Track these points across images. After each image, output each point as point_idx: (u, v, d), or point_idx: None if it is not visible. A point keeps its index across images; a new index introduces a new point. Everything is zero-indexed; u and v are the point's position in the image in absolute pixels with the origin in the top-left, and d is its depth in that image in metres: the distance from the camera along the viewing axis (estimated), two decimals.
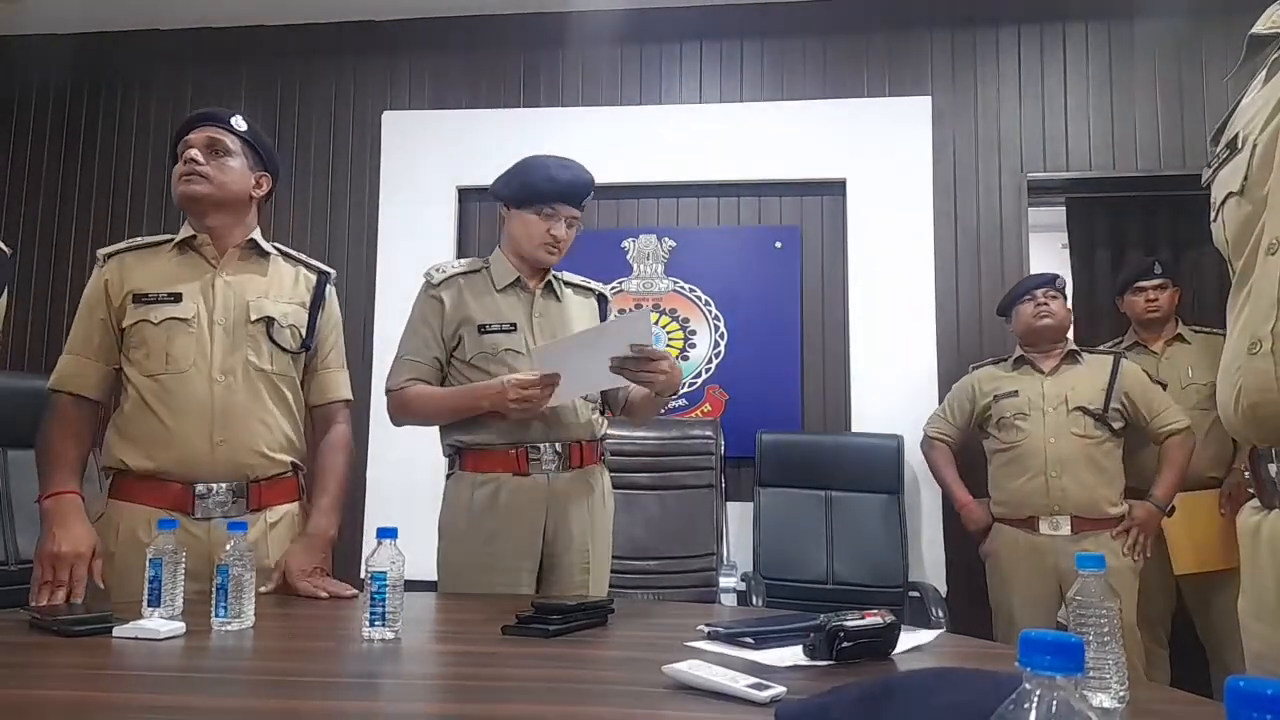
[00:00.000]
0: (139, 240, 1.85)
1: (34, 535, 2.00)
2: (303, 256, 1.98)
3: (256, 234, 1.88)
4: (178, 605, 1.43)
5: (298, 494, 1.87)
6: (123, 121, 3.98)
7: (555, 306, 2.07)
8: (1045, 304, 2.98)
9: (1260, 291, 1.06)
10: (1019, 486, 2.89)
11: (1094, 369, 2.96)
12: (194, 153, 1.80)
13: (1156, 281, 3.20)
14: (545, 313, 2.04)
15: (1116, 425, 2.88)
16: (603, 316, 2.16)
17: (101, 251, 1.83)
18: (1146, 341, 3.24)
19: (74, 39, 3.99)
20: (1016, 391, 2.97)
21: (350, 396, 1.99)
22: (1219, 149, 1.19)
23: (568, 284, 2.14)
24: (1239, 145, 1.13)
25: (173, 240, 1.83)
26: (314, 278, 1.96)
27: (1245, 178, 1.10)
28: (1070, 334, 3.10)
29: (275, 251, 1.91)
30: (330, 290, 1.98)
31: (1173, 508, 2.90)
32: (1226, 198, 1.14)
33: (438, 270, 2.06)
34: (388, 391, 2.02)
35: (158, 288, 1.77)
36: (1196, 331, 3.21)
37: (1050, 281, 3.04)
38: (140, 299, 1.76)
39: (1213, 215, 1.20)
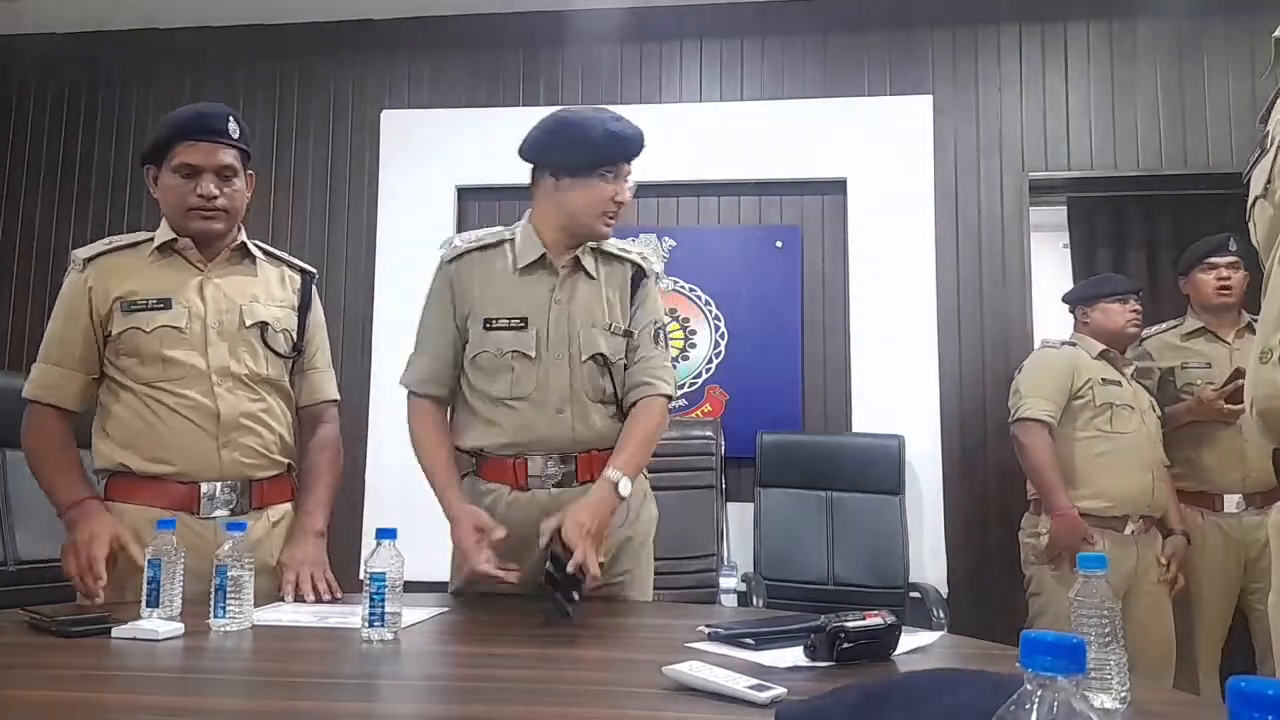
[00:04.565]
0: (116, 241, 1.79)
1: (34, 535, 2.01)
2: (285, 256, 1.94)
3: (243, 236, 1.85)
4: (176, 606, 1.43)
5: (293, 493, 1.87)
6: (121, 121, 3.98)
7: (582, 288, 1.80)
8: (1228, 276, 2.91)
9: (1273, 299, 1.05)
10: (1212, 463, 2.85)
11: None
12: (211, 187, 1.73)
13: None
14: (567, 298, 1.78)
15: None
16: (633, 293, 1.84)
17: (79, 255, 1.75)
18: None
19: (73, 38, 3.99)
20: (1209, 364, 2.91)
21: (337, 396, 1.97)
22: (1256, 145, 1.16)
23: (602, 253, 1.84)
24: (1268, 145, 1.10)
25: (151, 240, 1.78)
26: (298, 278, 1.92)
27: (1269, 180, 1.09)
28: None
29: (259, 252, 1.87)
30: (314, 290, 1.94)
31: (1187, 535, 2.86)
32: (1255, 200, 1.12)
33: (450, 244, 1.84)
34: (407, 388, 1.83)
35: (145, 294, 1.72)
36: None
37: (1225, 245, 2.92)
38: (129, 306, 1.71)
39: (1247, 214, 1.17)
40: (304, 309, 1.90)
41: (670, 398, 1.84)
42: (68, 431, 1.73)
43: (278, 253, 1.93)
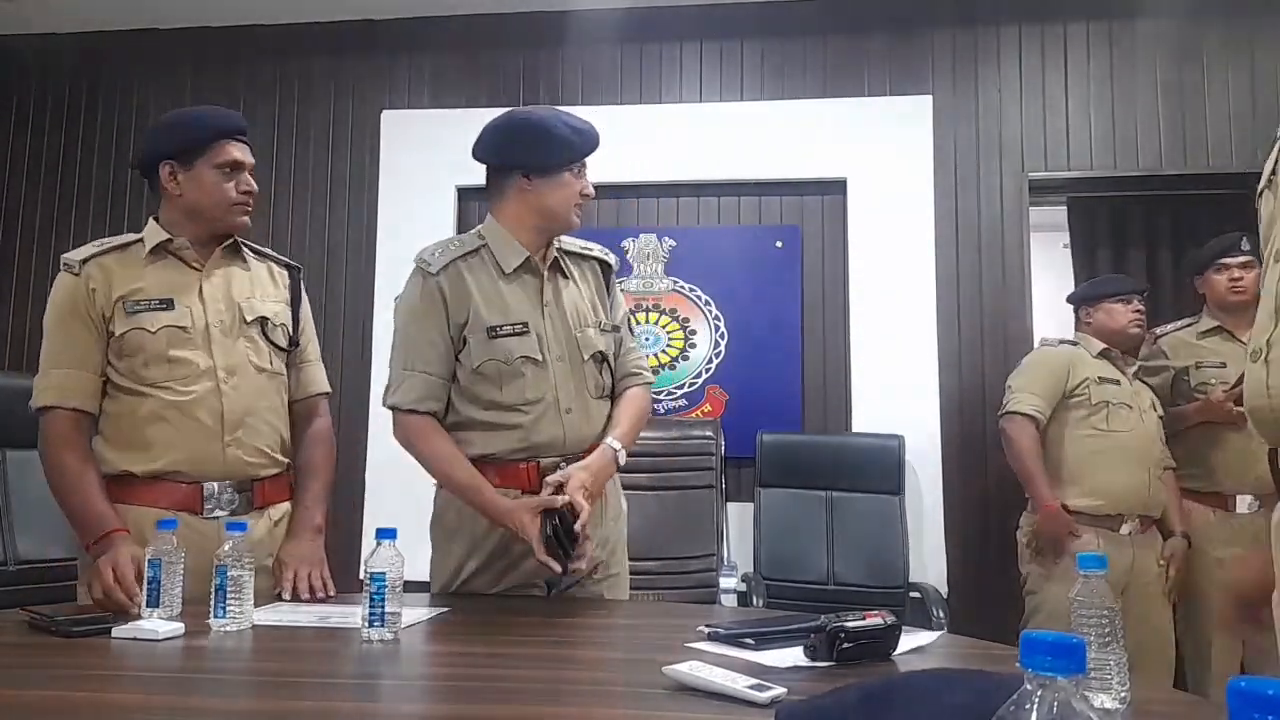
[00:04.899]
0: (110, 242, 1.78)
1: (34, 535, 2.01)
2: (270, 252, 1.95)
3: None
4: (177, 606, 1.43)
5: (291, 492, 1.87)
6: (122, 121, 3.98)
7: (564, 289, 1.86)
8: (1240, 277, 2.90)
9: (1267, 295, 1.05)
10: (1222, 464, 2.83)
11: None
12: (253, 183, 1.80)
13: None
14: (554, 300, 1.83)
15: None
16: (607, 287, 1.93)
17: (74, 257, 1.73)
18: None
19: (74, 39, 4.00)
20: (1224, 363, 2.89)
21: (329, 389, 1.98)
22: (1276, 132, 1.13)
23: (567, 253, 1.90)
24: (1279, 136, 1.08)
25: (140, 241, 1.77)
26: (286, 273, 1.94)
27: (1273, 171, 1.07)
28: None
29: (247, 250, 1.89)
30: (301, 284, 1.96)
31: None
32: (1261, 190, 1.11)
33: (434, 254, 1.80)
34: (395, 408, 1.79)
35: (148, 294, 1.72)
36: None
37: (1238, 244, 2.91)
38: (132, 307, 1.71)
39: (1256, 198, 1.16)
40: (295, 303, 1.91)
41: (651, 384, 1.98)
42: (87, 444, 1.69)
43: (263, 249, 1.95)
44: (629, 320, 2.00)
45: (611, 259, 1.97)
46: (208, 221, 1.79)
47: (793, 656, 1.21)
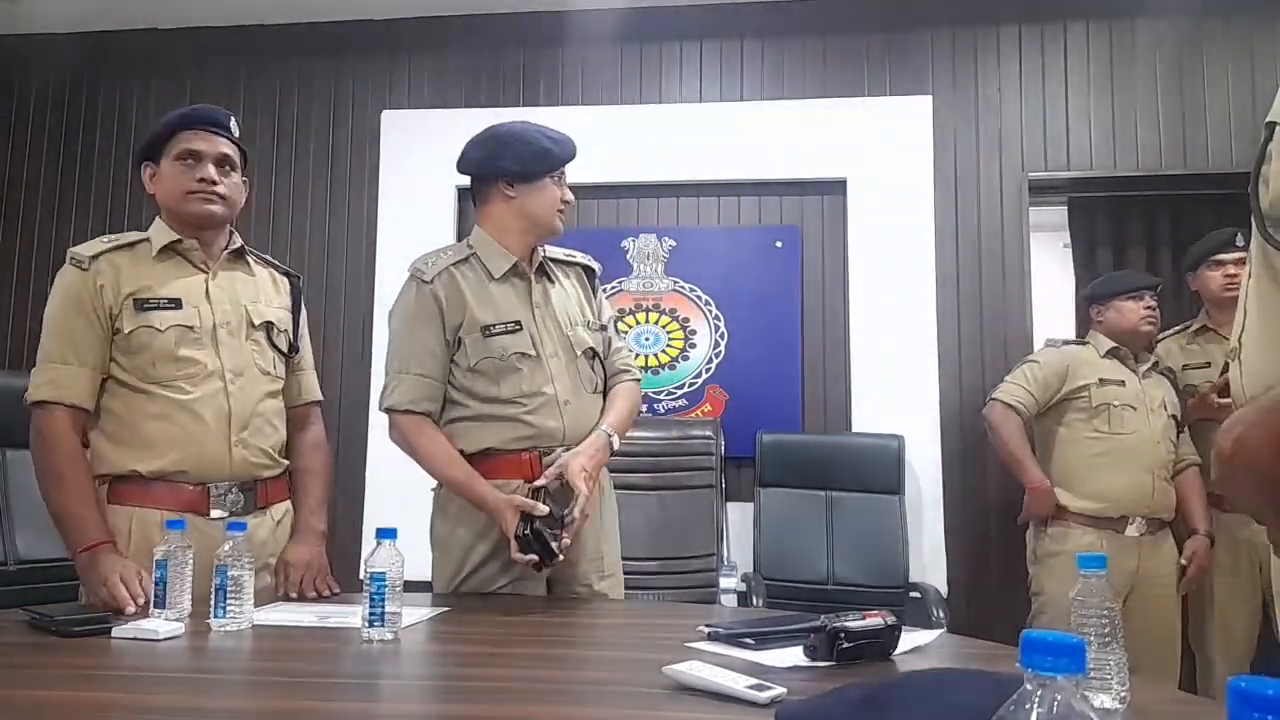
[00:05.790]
0: (118, 239, 1.77)
1: (34, 535, 2.01)
2: (270, 259, 1.97)
3: (237, 239, 1.87)
4: (185, 607, 1.43)
5: (288, 492, 1.89)
6: (122, 121, 3.97)
7: (552, 291, 1.95)
8: (1235, 274, 2.87)
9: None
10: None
11: None
12: (212, 171, 1.76)
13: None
14: (543, 302, 1.91)
15: None
16: (592, 291, 2.02)
17: (82, 252, 1.72)
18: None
19: (74, 39, 3.99)
20: (1209, 363, 2.91)
21: (322, 397, 2.01)
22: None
23: (553, 260, 2.00)
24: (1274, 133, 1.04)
25: (148, 240, 1.78)
26: (286, 281, 1.96)
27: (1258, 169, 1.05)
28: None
29: (250, 256, 1.90)
30: (301, 292, 1.99)
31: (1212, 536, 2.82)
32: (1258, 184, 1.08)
33: (427, 263, 1.89)
34: (390, 410, 1.85)
35: (156, 293, 1.72)
36: None
37: (1232, 241, 2.88)
38: (142, 305, 1.70)
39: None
40: (296, 310, 1.93)
41: (640, 381, 2.07)
42: (79, 444, 1.67)
43: (265, 256, 1.96)
44: (615, 321, 2.09)
45: (595, 265, 2.06)
46: (176, 215, 1.79)
47: (792, 656, 1.21)
